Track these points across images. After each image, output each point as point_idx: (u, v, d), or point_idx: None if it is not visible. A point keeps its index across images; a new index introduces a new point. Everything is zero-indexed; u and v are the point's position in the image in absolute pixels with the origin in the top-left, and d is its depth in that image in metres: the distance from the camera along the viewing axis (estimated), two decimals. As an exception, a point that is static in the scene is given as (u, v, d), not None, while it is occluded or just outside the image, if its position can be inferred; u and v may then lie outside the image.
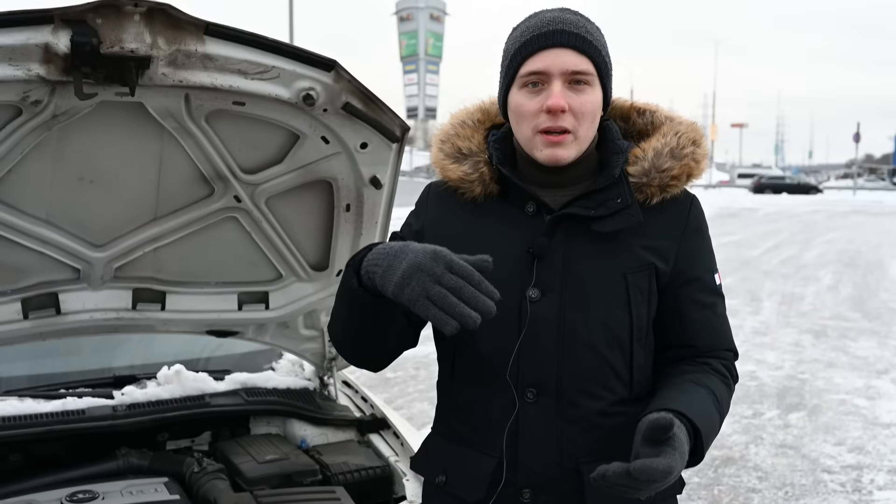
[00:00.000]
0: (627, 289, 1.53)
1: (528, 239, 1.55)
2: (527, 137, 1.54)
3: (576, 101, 1.50)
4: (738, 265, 14.11)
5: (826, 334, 8.83)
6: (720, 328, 1.63)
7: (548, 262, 1.53)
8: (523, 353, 1.53)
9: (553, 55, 1.49)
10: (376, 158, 2.24)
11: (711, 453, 5.16)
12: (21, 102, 1.81)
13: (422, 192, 1.74)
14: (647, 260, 1.56)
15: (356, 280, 1.42)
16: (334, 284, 2.58)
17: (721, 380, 1.59)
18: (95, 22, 1.67)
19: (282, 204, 2.35)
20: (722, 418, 1.55)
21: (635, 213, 1.54)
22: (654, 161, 1.57)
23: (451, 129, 1.70)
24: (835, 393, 6.61)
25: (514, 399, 1.53)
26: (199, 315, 2.56)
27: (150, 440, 2.55)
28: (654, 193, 1.57)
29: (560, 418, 1.53)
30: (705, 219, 1.66)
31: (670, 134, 1.61)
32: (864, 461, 5.10)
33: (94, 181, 2.13)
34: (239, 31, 1.84)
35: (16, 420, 2.35)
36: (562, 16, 1.53)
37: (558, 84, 1.49)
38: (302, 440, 2.70)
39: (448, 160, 1.66)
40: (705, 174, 1.80)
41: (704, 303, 1.61)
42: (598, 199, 1.54)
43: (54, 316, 2.37)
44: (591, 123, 1.54)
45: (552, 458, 1.53)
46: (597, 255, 1.54)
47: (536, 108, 1.51)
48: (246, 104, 1.99)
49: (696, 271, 1.60)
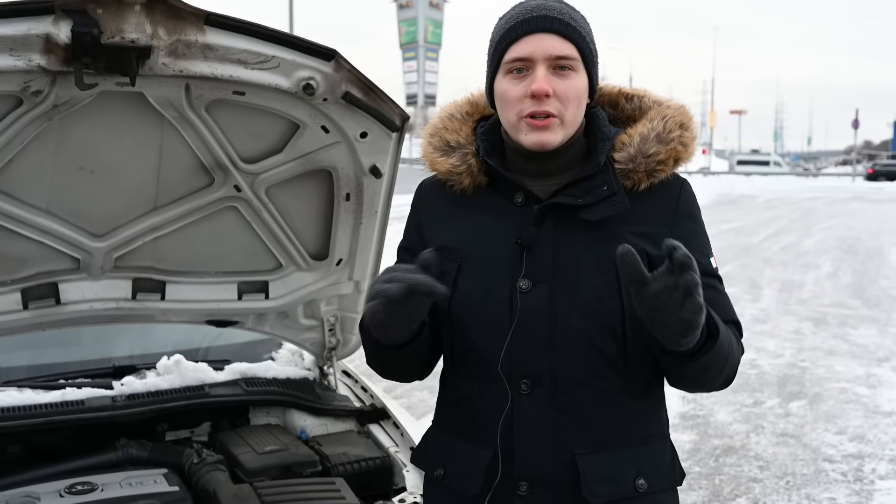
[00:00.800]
0: (618, 276, 1.49)
1: (517, 230, 1.55)
2: (512, 123, 1.54)
3: (560, 85, 1.50)
4: (737, 252, 14.12)
5: (826, 322, 8.85)
6: (720, 303, 1.59)
7: (537, 253, 1.52)
8: (515, 345, 1.52)
9: (536, 40, 1.50)
10: (376, 148, 2.23)
11: (712, 442, 5.17)
12: (22, 93, 1.80)
13: (414, 192, 1.74)
14: (638, 247, 1.49)
15: (374, 343, 1.55)
16: (334, 273, 2.59)
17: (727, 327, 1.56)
18: (96, 12, 1.66)
19: (282, 193, 2.34)
20: (731, 340, 1.53)
21: (621, 200, 1.53)
22: (640, 146, 1.56)
23: (440, 123, 1.71)
24: (835, 381, 6.62)
25: (507, 390, 1.53)
26: (198, 305, 2.56)
27: (150, 431, 2.55)
28: (642, 179, 1.56)
29: (555, 410, 1.52)
30: (697, 203, 1.64)
31: (657, 118, 1.60)
32: (865, 450, 5.11)
33: (95, 171, 2.12)
34: (239, 21, 1.84)
35: (15, 411, 2.34)
36: (546, 3, 1.54)
37: (542, 69, 1.49)
38: (302, 430, 2.70)
39: (437, 153, 1.67)
40: (704, 160, 1.77)
41: (703, 284, 1.59)
42: (585, 187, 1.54)
43: (54, 306, 2.36)
44: (577, 108, 1.53)
45: (548, 450, 1.53)
46: (587, 244, 1.53)
47: (521, 94, 1.51)
48: (246, 94, 1.99)
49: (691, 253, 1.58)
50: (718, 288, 1.61)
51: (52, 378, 2.64)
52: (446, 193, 1.66)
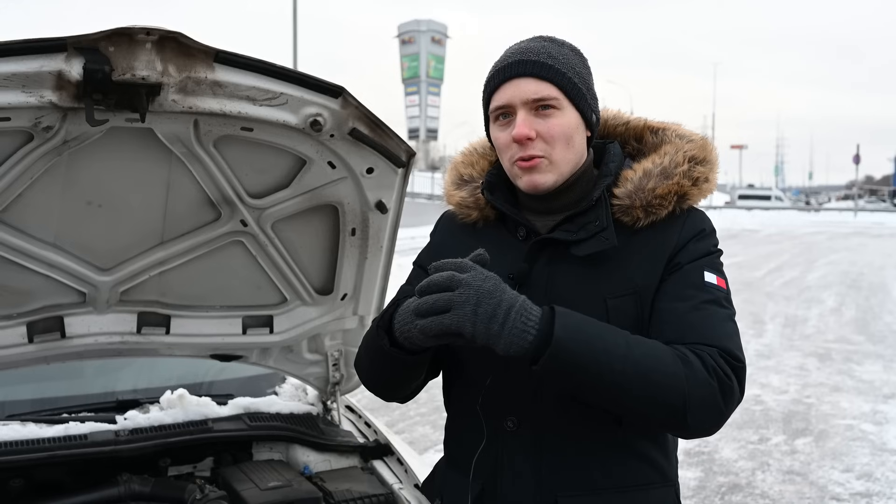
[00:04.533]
0: (608, 314, 1.47)
1: (515, 264, 1.55)
2: (508, 169, 1.57)
3: (543, 125, 1.50)
4: (740, 287, 14.09)
5: (831, 357, 8.80)
6: (695, 322, 1.44)
7: (531, 288, 1.51)
8: (503, 382, 1.52)
9: (513, 87, 1.51)
10: (382, 183, 2.24)
11: (717, 480, 5.12)
12: (33, 128, 1.82)
13: (437, 220, 1.81)
14: (631, 285, 1.50)
15: (388, 341, 1.49)
16: (339, 308, 2.59)
17: (667, 347, 1.40)
18: (108, 50, 1.68)
19: (288, 228, 2.35)
20: (632, 351, 1.36)
21: (610, 237, 1.50)
22: (640, 181, 1.54)
23: (460, 157, 1.76)
24: (841, 418, 6.57)
25: (494, 427, 1.54)
26: (203, 339, 2.55)
27: (152, 466, 2.53)
28: (640, 215, 1.52)
29: (540, 448, 1.51)
30: (706, 227, 1.56)
31: (671, 153, 1.57)
32: (873, 488, 5.06)
33: (103, 205, 2.13)
34: (248, 59, 1.86)
35: (17, 445, 2.33)
36: (527, 45, 1.54)
37: (522, 113, 1.50)
38: (305, 466, 2.67)
39: (452, 186, 1.72)
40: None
41: (682, 295, 1.47)
42: (580, 222, 1.53)
43: (59, 340, 2.36)
44: (566, 146, 1.52)
45: (529, 490, 1.51)
46: (579, 280, 1.52)
47: (508, 140, 1.52)
48: (254, 130, 2.00)
49: (679, 264, 1.50)
50: (706, 308, 1.46)
51: (56, 412, 2.63)
52: (457, 224, 1.70)
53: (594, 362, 1.33)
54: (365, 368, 1.66)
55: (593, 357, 1.33)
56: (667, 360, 1.38)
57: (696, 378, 1.37)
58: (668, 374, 1.36)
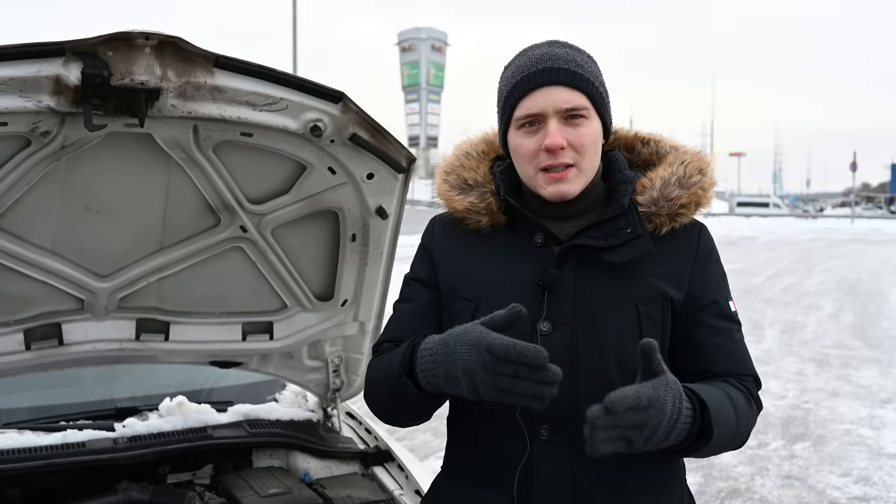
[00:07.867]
0: (640, 319, 1.51)
1: (536, 270, 1.54)
2: (529, 176, 1.54)
3: (574, 135, 1.49)
4: (739, 293, 14.07)
5: (829, 363, 8.79)
6: (738, 353, 1.59)
7: (558, 295, 1.51)
8: None
9: (545, 94, 1.49)
10: (382, 189, 2.23)
11: (717, 485, 5.11)
12: (30, 133, 1.80)
13: (426, 226, 1.73)
14: (659, 289, 1.54)
15: (414, 388, 1.45)
16: (339, 314, 2.57)
17: (738, 389, 1.54)
18: (106, 54, 1.67)
19: (287, 234, 2.34)
20: (738, 415, 1.48)
21: (646, 243, 1.52)
22: (662, 190, 1.56)
23: (456, 161, 1.70)
24: (839, 423, 6.56)
25: (526, 437, 1.50)
26: (202, 345, 2.53)
27: (151, 473, 2.51)
28: (664, 223, 1.56)
29: (575, 455, 1.49)
30: (715, 246, 1.65)
31: (676, 163, 1.60)
32: (870, 493, 5.05)
33: (101, 211, 2.12)
34: (248, 64, 1.85)
35: (15, 453, 2.32)
36: (551, 51, 1.52)
37: (554, 122, 1.48)
38: (305, 473, 2.66)
39: (454, 191, 1.66)
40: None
41: (720, 328, 1.58)
42: (608, 228, 1.53)
43: (57, 347, 2.34)
44: (593, 154, 1.53)
45: (567, 498, 1.50)
46: (608, 287, 1.52)
47: (535, 148, 1.50)
48: (254, 135, 1.99)
49: (710, 296, 1.59)
50: (735, 335, 1.60)
51: (53, 420, 2.62)
52: (461, 230, 1.65)
53: (720, 443, 1.45)
54: (383, 407, 1.62)
55: (725, 441, 1.47)
56: (749, 412, 1.54)
57: (755, 415, 1.57)
58: (751, 423, 1.55)
